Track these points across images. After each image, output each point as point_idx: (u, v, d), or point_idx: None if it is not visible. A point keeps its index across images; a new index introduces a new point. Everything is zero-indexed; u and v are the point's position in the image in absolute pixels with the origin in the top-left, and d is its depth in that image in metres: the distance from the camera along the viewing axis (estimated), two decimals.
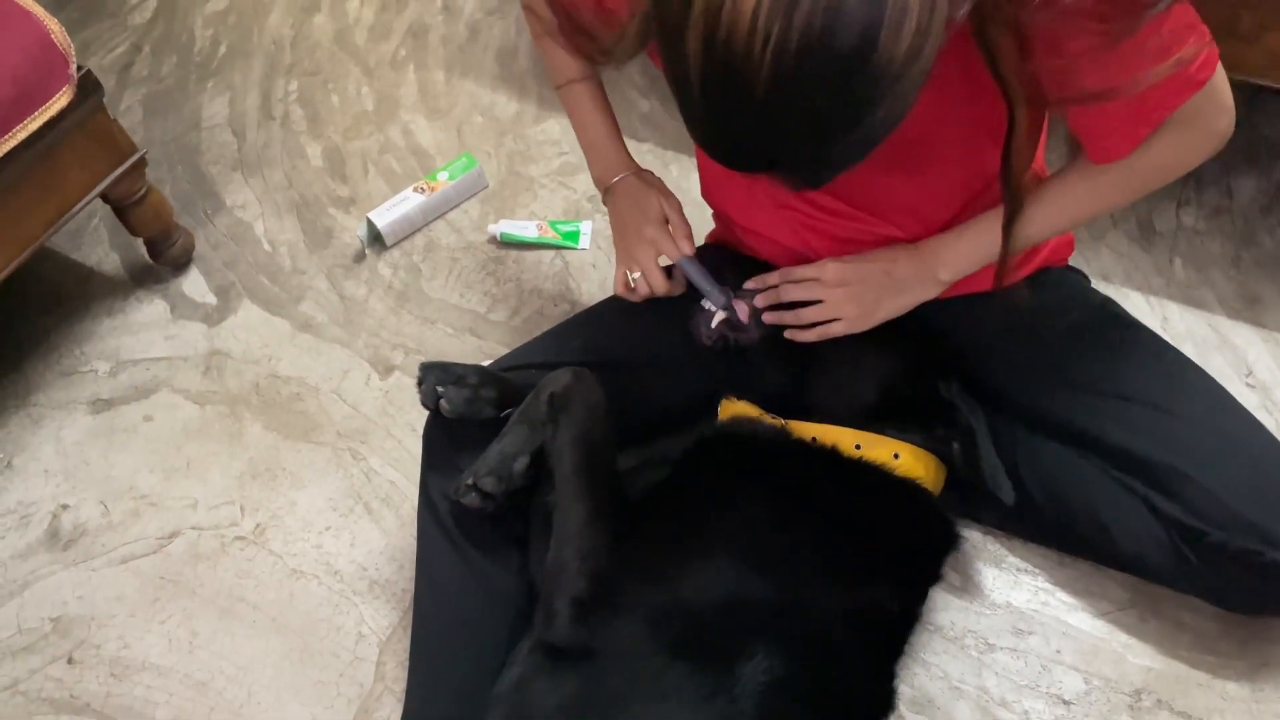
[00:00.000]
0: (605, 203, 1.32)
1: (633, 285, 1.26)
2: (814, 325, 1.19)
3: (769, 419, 1.21)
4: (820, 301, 1.18)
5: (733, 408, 1.25)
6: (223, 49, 2.19)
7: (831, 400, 1.20)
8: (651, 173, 1.31)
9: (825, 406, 1.19)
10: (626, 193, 1.28)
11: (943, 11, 0.72)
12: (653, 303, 1.34)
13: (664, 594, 1.02)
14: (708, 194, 1.36)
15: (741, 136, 0.78)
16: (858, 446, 1.16)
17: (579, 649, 1.00)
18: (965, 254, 1.13)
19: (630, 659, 0.98)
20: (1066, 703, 1.22)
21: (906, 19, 0.70)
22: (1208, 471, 1.10)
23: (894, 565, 1.12)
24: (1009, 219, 1.04)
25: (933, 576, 1.21)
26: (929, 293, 1.17)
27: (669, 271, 1.25)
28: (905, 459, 1.16)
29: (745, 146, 0.79)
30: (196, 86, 2.13)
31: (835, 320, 1.18)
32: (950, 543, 1.20)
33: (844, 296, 1.17)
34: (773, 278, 1.21)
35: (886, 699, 1.11)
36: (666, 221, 1.23)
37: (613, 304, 1.38)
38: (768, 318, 1.21)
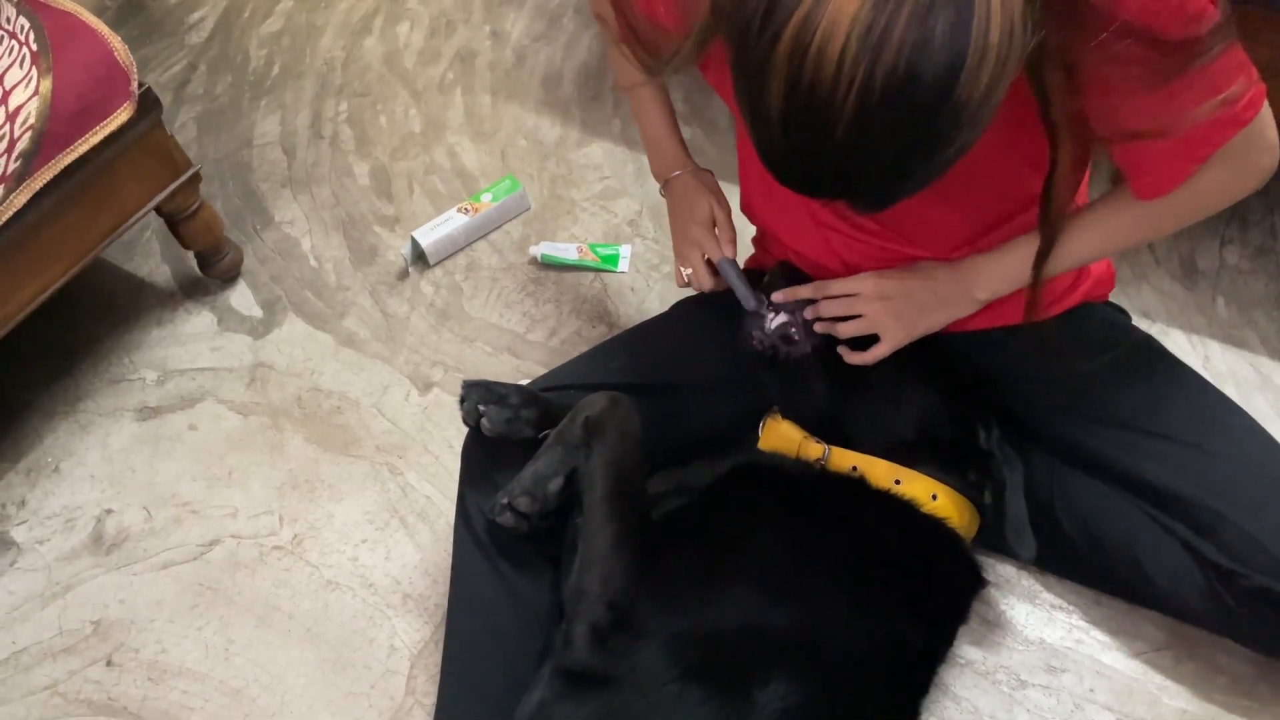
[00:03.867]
0: (663, 195, 1.37)
1: (686, 281, 1.31)
2: (863, 348, 1.19)
3: (813, 442, 1.21)
4: (859, 316, 1.19)
5: (778, 428, 1.26)
6: (276, 69, 2.24)
7: (868, 430, 1.20)
8: (709, 173, 1.34)
9: (862, 435, 1.20)
10: (680, 190, 1.33)
11: (1019, 49, 0.73)
12: (694, 325, 1.36)
13: (684, 621, 1.02)
14: (747, 209, 1.37)
15: (818, 168, 0.79)
16: (897, 481, 1.16)
17: (599, 674, 1.01)
18: (1003, 274, 1.13)
19: (649, 685, 0.98)
20: None
21: (987, 58, 0.71)
22: (1247, 514, 1.09)
23: (918, 602, 1.11)
24: (1043, 251, 1.05)
25: (959, 617, 1.20)
26: (965, 310, 1.18)
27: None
28: (942, 500, 1.16)
29: (820, 177, 0.81)
30: (250, 105, 2.18)
31: (879, 341, 1.18)
32: (977, 585, 1.20)
33: (883, 311, 1.17)
34: (806, 290, 1.22)
35: None
36: (714, 223, 1.28)
37: (652, 326, 1.39)
38: (817, 328, 1.22)
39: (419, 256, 1.82)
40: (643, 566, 1.06)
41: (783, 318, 1.23)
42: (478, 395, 1.19)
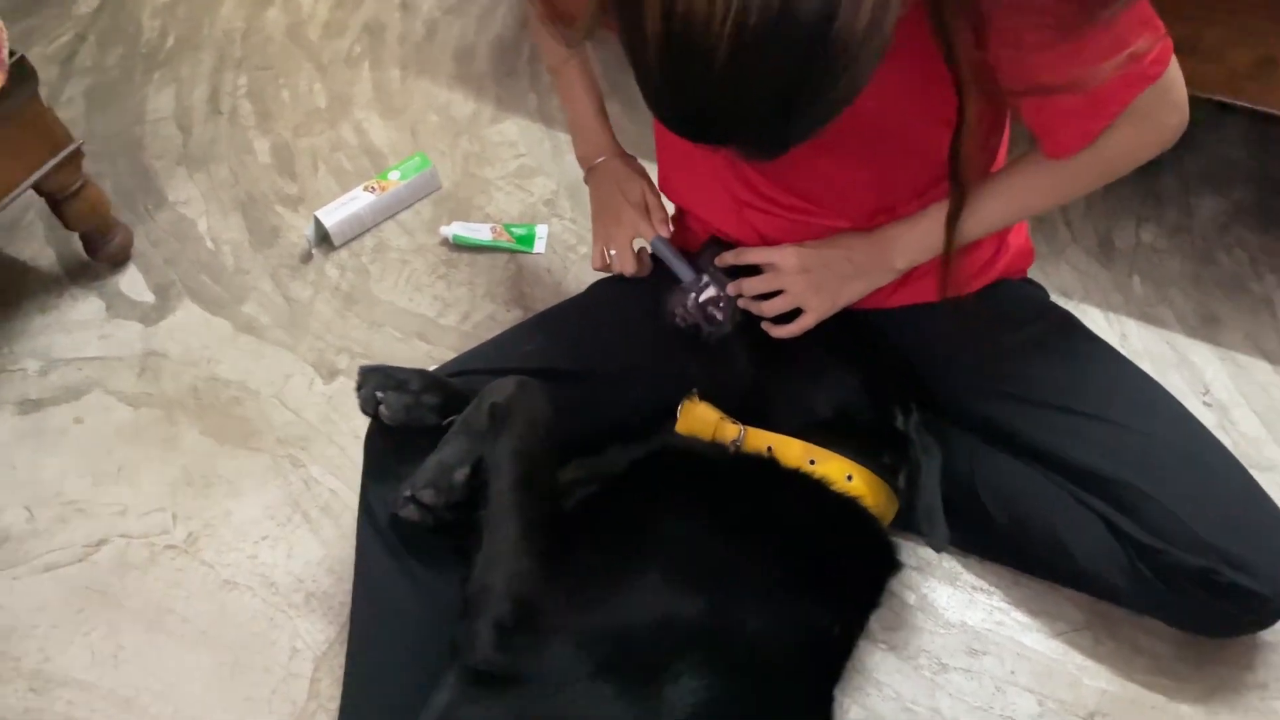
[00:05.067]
0: (587, 182, 1.33)
1: (609, 262, 1.28)
2: (786, 322, 1.18)
3: (729, 423, 1.18)
4: (781, 293, 1.16)
5: (694, 410, 1.22)
6: (170, 41, 2.13)
7: (786, 409, 1.17)
8: (634, 158, 1.31)
9: (780, 415, 1.17)
10: (608, 175, 1.30)
11: None
12: (611, 309, 1.31)
13: (594, 615, 0.98)
14: (665, 187, 1.33)
15: (700, 107, 0.76)
16: (811, 462, 1.13)
17: (505, 673, 0.96)
18: (919, 241, 1.11)
19: (558, 684, 0.93)
20: None
21: None
22: (1167, 490, 1.09)
23: (831, 584, 1.08)
24: (954, 211, 1.03)
25: (871, 602, 1.17)
26: (884, 278, 1.17)
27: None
28: (857, 481, 1.13)
29: (703, 117, 0.77)
30: (142, 79, 2.06)
31: (804, 313, 1.16)
32: (891, 568, 1.18)
33: (805, 284, 1.15)
34: (729, 256, 1.20)
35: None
36: (646, 206, 1.25)
37: (567, 309, 1.34)
38: (740, 304, 1.20)
39: (323, 238, 1.73)
40: (550, 560, 1.01)
41: (710, 292, 1.20)
42: (375, 381, 1.13)
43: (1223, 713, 1.18)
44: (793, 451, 1.13)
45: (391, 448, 1.17)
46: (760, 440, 1.15)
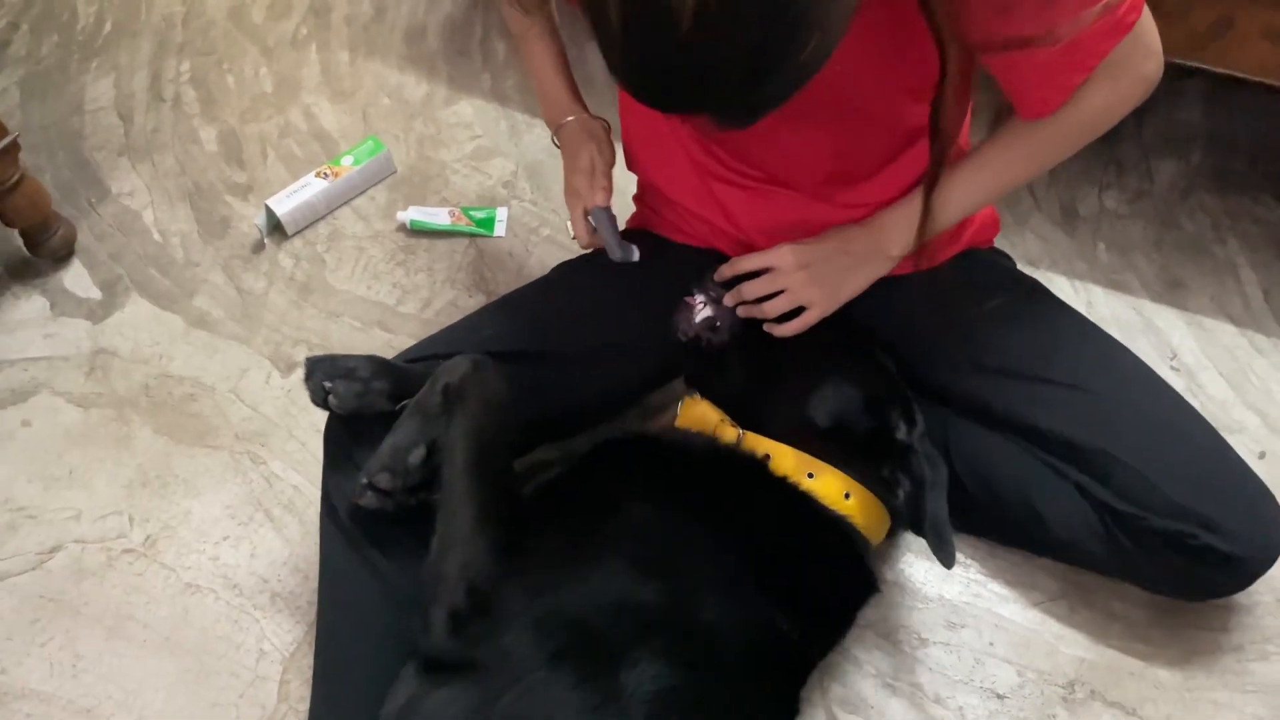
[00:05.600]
0: (556, 145, 1.31)
1: (573, 236, 1.26)
2: (788, 320, 1.15)
3: (729, 426, 1.14)
4: (782, 292, 1.14)
5: (695, 407, 1.19)
6: (108, 27, 2.05)
7: (784, 418, 1.14)
8: (602, 120, 1.26)
9: (778, 424, 1.13)
10: (567, 138, 1.27)
11: None
12: (574, 291, 1.28)
13: (551, 600, 0.95)
14: (631, 162, 1.30)
15: (666, 73, 0.73)
16: (810, 475, 1.10)
17: (466, 663, 0.93)
18: (909, 224, 1.09)
19: (517, 672, 0.91)
20: (1000, 696, 1.19)
21: None
22: (1138, 456, 1.08)
23: (799, 598, 1.05)
24: (931, 179, 1.01)
25: (843, 623, 1.14)
26: (882, 268, 1.15)
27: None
28: (856, 500, 1.10)
29: (670, 84, 0.74)
30: (79, 67, 1.99)
31: (807, 310, 1.14)
32: (867, 593, 1.14)
33: (805, 280, 1.13)
34: (725, 270, 1.17)
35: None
36: (593, 172, 1.22)
37: (529, 292, 1.31)
38: (741, 312, 1.18)
39: (275, 227, 1.68)
40: (506, 544, 0.98)
41: (708, 311, 1.18)
42: (323, 371, 1.09)
43: (1199, 675, 1.19)
44: (789, 462, 1.10)
45: (351, 439, 1.13)
46: (759, 446, 1.12)
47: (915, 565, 1.29)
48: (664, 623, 0.95)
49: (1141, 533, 1.08)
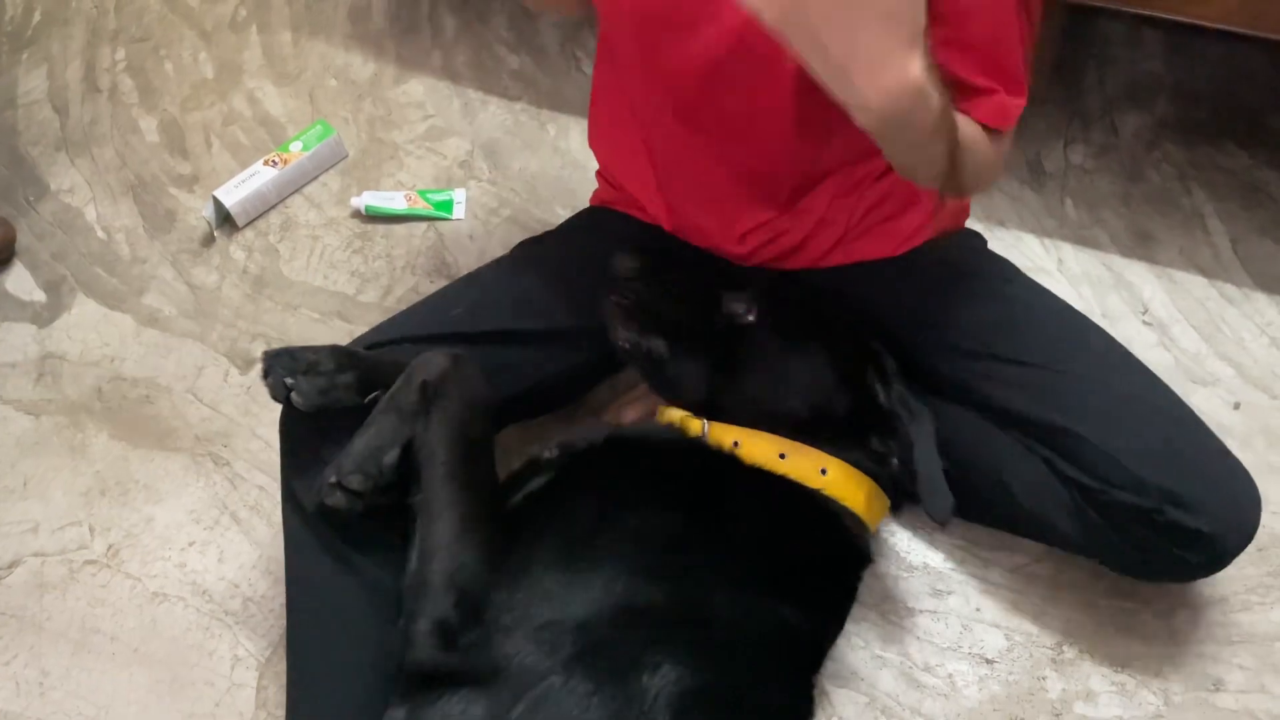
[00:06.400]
0: None
1: None
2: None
3: (692, 419, 1.10)
4: None
5: (669, 411, 1.15)
6: (37, 16, 1.97)
7: (756, 414, 1.09)
8: None
9: (750, 420, 1.09)
10: None
11: None
12: (541, 268, 1.25)
13: (551, 609, 0.92)
14: (596, 138, 1.26)
15: None
16: (782, 456, 1.06)
17: (462, 675, 0.90)
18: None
19: (526, 681, 0.88)
20: (990, 661, 1.19)
21: None
22: (1105, 433, 1.07)
23: (795, 581, 1.02)
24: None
25: (846, 597, 1.12)
26: (898, 50, 0.76)
27: None
28: (833, 475, 1.07)
29: None
30: (9, 59, 1.91)
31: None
32: (861, 564, 1.11)
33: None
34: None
35: (806, 710, 1.04)
36: None
37: (494, 270, 1.28)
38: None
39: (224, 218, 1.63)
40: (494, 551, 0.95)
41: (626, 319, 1.14)
42: (282, 367, 1.04)
43: (1185, 629, 1.19)
44: (761, 446, 1.07)
45: (313, 432, 1.08)
46: (726, 436, 1.08)
47: (899, 534, 1.28)
48: (677, 624, 0.93)
49: (1110, 507, 1.06)
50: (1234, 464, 1.07)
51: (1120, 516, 1.06)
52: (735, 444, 1.07)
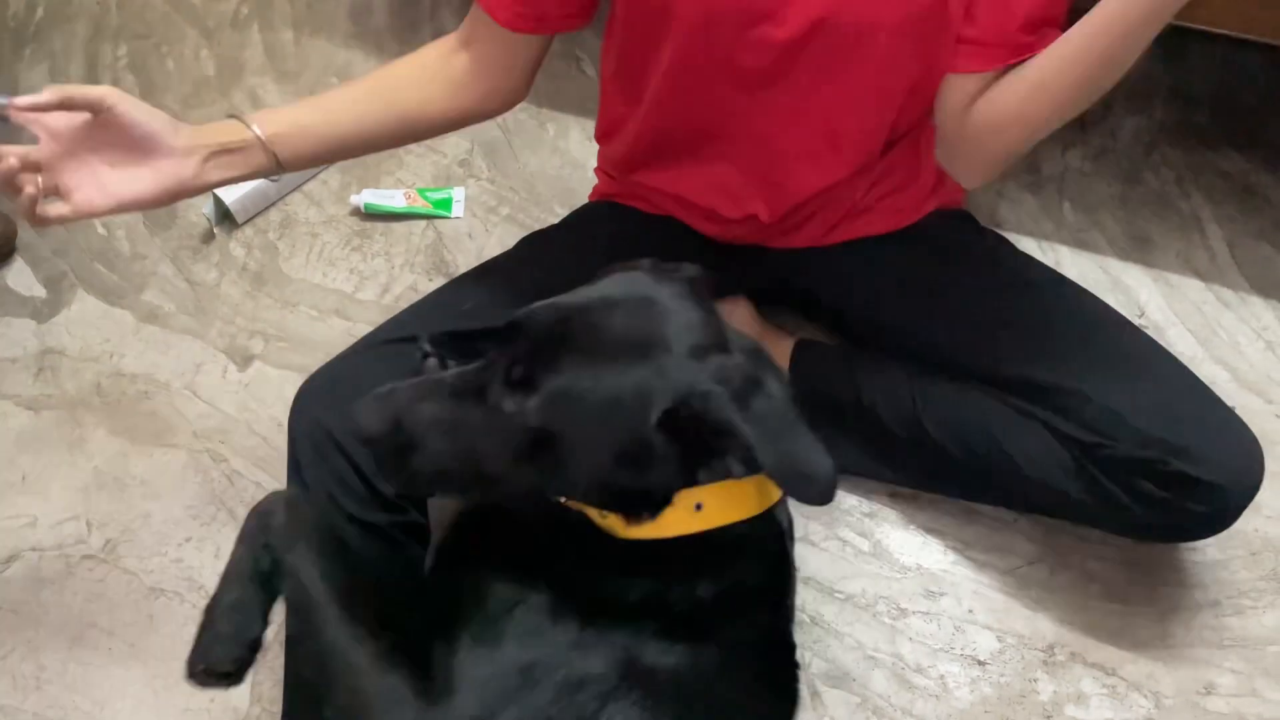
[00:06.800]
0: None
1: None
2: None
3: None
4: None
5: None
6: (40, 13, 1.97)
7: (583, 496, 0.90)
8: None
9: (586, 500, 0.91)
10: None
11: None
12: (543, 264, 1.25)
13: (495, 701, 0.85)
14: (607, 133, 1.25)
15: None
16: (698, 506, 0.89)
17: None
18: None
19: None
20: (981, 663, 1.19)
21: None
22: (1107, 390, 1.07)
23: (724, 611, 0.90)
24: None
25: (777, 583, 0.98)
26: None
27: None
28: (711, 504, 0.87)
29: None
30: (11, 56, 1.91)
31: None
32: (779, 539, 0.97)
33: None
34: None
35: (790, 697, 0.98)
36: None
37: (500, 265, 1.28)
38: None
39: (224, 215, 1.63)
40: (416, 676, 0.88)
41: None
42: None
43: (1178, 632, 1.19)
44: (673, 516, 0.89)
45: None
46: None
47: (891, 535, 1.28)
48: (627, 683, 0.85)
49: (1111, 463, 1.06)
50: (1235, 418, 1.07)
51: (1123, 471, 1.06)
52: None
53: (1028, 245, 1.51)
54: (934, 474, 1.26)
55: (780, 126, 1.10)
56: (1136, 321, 1.41)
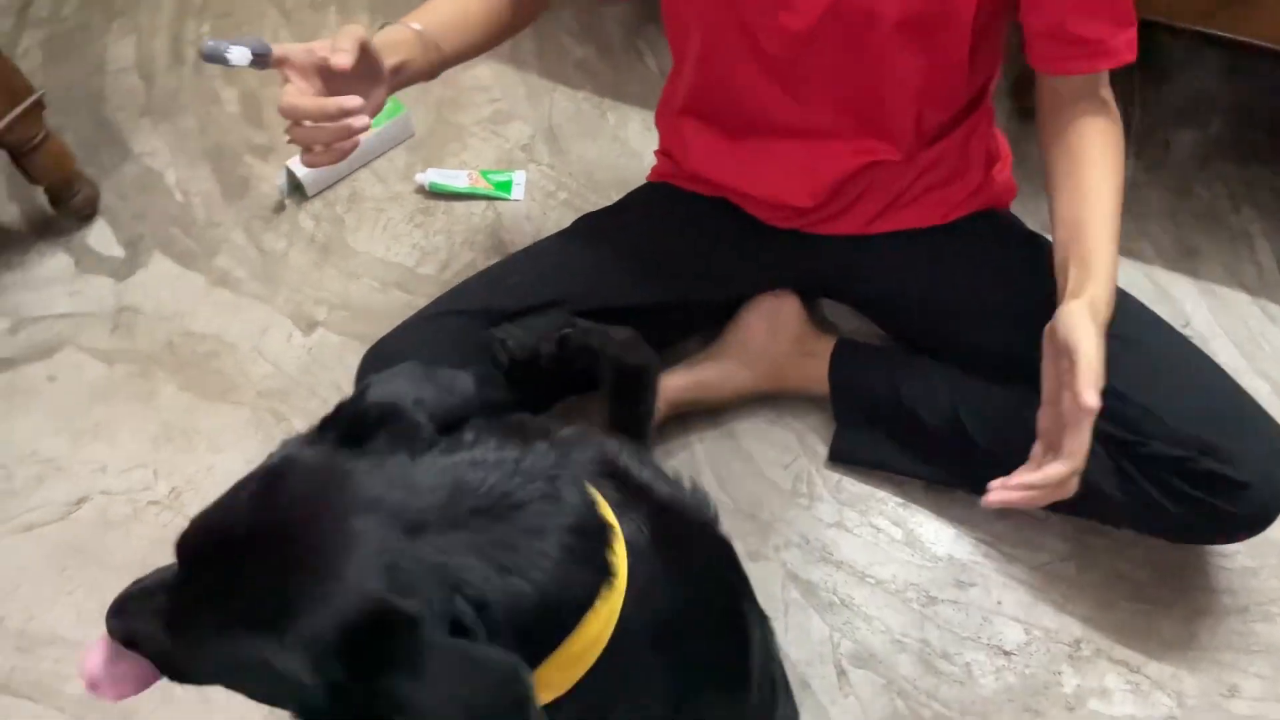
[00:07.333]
0: None
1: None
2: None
3: None
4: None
5: None
6: None
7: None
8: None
9: None
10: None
11: None
12: (592, 246, 1.30)
13: None
14: (667, 114, 1.30)
15: None
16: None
17: None
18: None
19: None
20: (1007, 653, 1.22)
21: None
22: (1144, 389, 1.09)
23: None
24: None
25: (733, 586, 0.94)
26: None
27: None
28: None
29: None
30: (101, 28, 2.00)
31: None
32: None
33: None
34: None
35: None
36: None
37: (549, 245, 1.33)
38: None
39: (295, 188, 1.70)
40: None
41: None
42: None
43: (1204, 635, 1.21)
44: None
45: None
46: None
47: (925, 525, 1.31)
48: None
49: (1146, 460, 1.08)
50: (1270, 420, 1.09)
51: (1157, 468, 1.08)
52: None
53: None
54: (970, 472, 1.28)
55: (808, 110, 1.14)
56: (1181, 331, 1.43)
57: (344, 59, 0.92)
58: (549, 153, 1.74)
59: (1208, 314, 1.46)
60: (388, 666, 0.62)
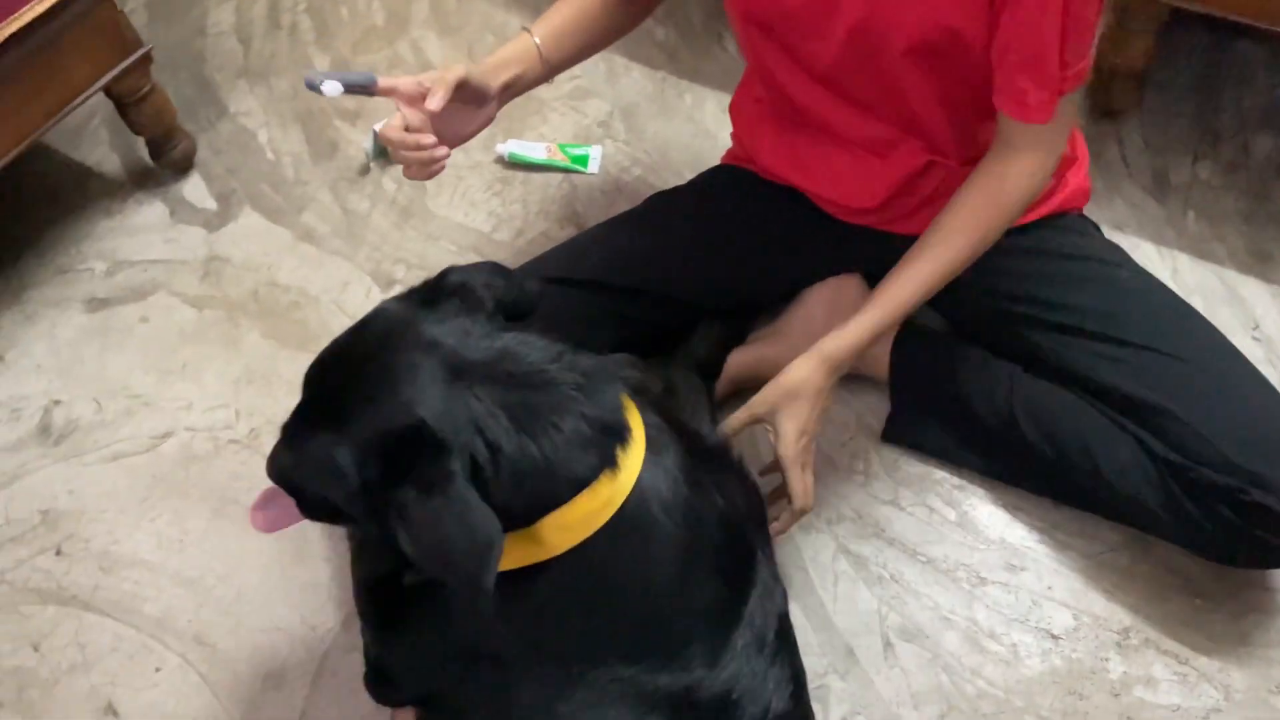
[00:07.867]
0: None
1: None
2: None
3: None
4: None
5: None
6: None
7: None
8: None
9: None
10: None
11: None
12: (660, 227, 1.35)
13: None
14: (740, 107, 1.37)
15: None
16: None
17: None
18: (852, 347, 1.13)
19: None
20: (1055, 637, 1.23)
21: None
22: (1196, 413, 1.11)
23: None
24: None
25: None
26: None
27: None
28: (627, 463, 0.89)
29: None
30: None
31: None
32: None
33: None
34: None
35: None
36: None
37: (626, 221, 1.37)
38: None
39: (380, 152, 1.76)
40: None
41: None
42: None
43: (1255, 632, 1.21)
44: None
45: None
46: None
47: (979, 508, 1.32)
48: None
49: (1195, 486, 1.10)
50: None
51: (1206, 495, 1.09)
52: None
53: (1147, 250, 1.53)
54: (1022, 470, 1.30)
55: (858, 116, 1.18)
56: (1250, 335, 1.43)
57: (435, 104, 1.03)
58: (625, 129, 1.78)
59: (1278, 317, 1.45)
60: (408, 480, 0.77)
